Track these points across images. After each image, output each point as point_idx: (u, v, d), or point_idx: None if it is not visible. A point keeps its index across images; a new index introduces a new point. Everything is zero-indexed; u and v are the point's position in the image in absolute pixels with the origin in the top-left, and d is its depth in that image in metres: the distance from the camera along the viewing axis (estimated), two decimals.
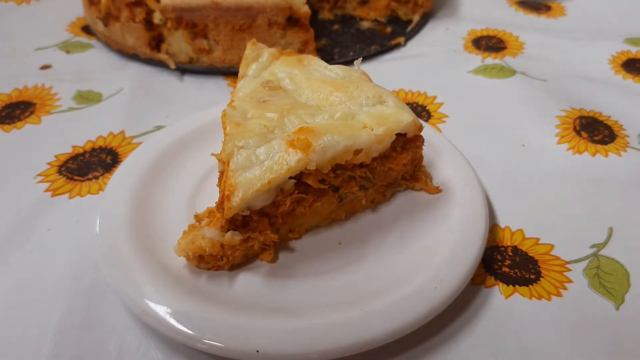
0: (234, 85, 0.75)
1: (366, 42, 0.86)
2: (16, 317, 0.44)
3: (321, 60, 0.56)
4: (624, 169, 0.61)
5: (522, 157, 0.63)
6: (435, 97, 0.73)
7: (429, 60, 0.83)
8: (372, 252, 0.48)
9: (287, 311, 0.42)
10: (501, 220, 0.54)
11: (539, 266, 0.49)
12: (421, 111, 0.71)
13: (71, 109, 0.70)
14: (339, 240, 0.49)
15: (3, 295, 0.46)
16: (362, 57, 0.60)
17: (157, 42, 0.78)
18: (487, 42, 0.87)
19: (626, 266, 0.49)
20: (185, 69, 0.77)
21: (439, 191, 0.53)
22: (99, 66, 0.80)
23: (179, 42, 0.76)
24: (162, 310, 0.40)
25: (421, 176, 0.53)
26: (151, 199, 0.51)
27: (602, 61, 0.81)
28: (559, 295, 0.46)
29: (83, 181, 0.58)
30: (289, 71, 0.55)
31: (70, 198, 0.56)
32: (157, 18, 0.75)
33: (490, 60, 0.82)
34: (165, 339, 0.43)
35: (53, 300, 0.45)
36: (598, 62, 0.81)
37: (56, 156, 0.62)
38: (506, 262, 0.49)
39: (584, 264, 0.49)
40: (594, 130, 0.66)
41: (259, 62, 0.57)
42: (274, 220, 0.46)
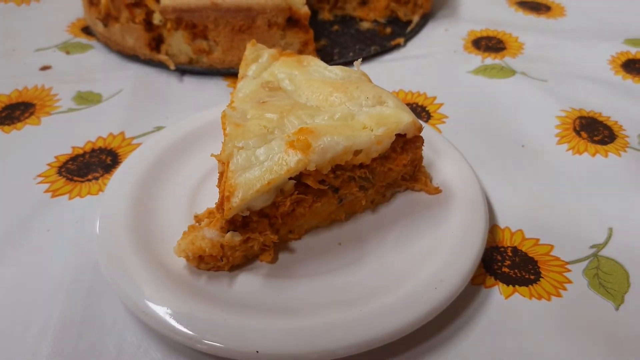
0: (233, 86, 0.75)
1: (366, 42, 0.86)
2: (16, 317, 0.44)
3: (321, 61, 0.56)
4: (623, 169, 0.61)
5: (522, 157, 0.63)
6: (435, 98, 0.73)
7: (428, 60, 0.83)
8: (372, 252, 0.48)
9: (287, 311, 0.42)
10: (501, 220, 0.54)
11: (538, 267, 0.49)
12: (421, 112, 0.71)
13: (71, 109, 0.70)
14: (338, 240, 0.49)
15: (3, 295, 0.46)
16: (362, 58, 0.60)
17: (157, 43, 0.78)
18: (487, 43, 0.87)
19: (626, 266, 0.49)
20: (185, 69, 0.77)
21: (439, 192, 0.53)
22: (99, 67, 0.80)
23: (178, 43, 0.76)
24: (162, 310, 0.40)
25: (421, 177, 0.53)
26: (151, 199, 0.51)
27: (601, 61, 0.82)
28: (558, 296, 0.46)
29: (83, 182, 0.58)
30: (288, 72, 0.55)
31: (70, 199, 0.56)
32: (156, 19, 0.75)
33: (490, 60, 0.82)
34: (165, 339, 0.43)
35: (53, 300, 0.45)
36: (598, 63, 0.81)
37: (56, 157, 0.62)
38: (506, 262, 0.49)
39: (584, 264, 0.49)
40: (594, 131, 0.66)
41: (259, 62, 0.57)
42: (274, 221, 0.46)
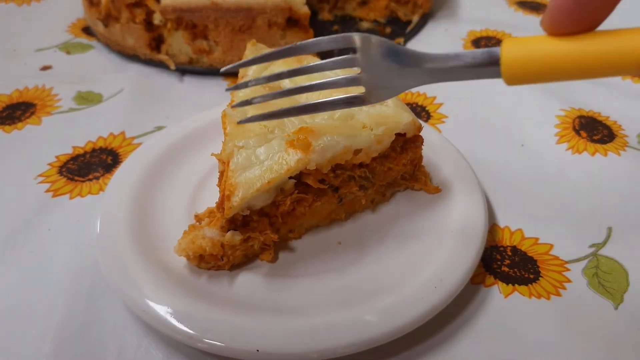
0: None
1: None
2: (17, 317, 0.44)
3: (321, 60, 0.56)
4: (623, 169, 0.61)
5: (521, 156, 0.63)
6: (434, 98, 0.73)
7: None
8: (372, 251, 0.48)
9: (287, 310, 0.42)
10: (500, 220, 0.54)
11: (538, 266, 0.49)
12: (421, 111, 0.71)
13: (71, 109, 0.70)
14: (338, 240, 0.49)
15: (4, 295, 0.46)
16: None
17: (157, 43, 0.78)
18: (487, 43, 0.87)
19: (625, 266, 0.49)
20: (186, 69, 0.78)
21: (439, 191, 0.53)
22: (99, 67, 0.80)
23: (179, 43, 0.76)
24: (162, 309, 0.40)
25: (421, 176, 0.53)
26: (151, 199, 0.51)
27: None
28: (558, 295, 0.46)
29: (83, 181, 0.58)
30: None
31: (71, 198, 0.56)
32: (157, 19, 0.75)
33: None
34: (165, 338, 0.43)
35: (53, 299, 0.46)
36: None
37: (57, 157, 0.62)
38: (505, 261, 0.49)
39: (583, 263, 0.49)
40: (593, 130, 0.67)
41: None
42: (274, 220, 0.46)
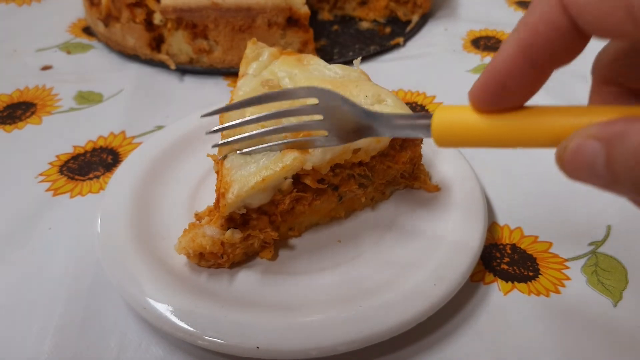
0: (234, 85, 0.75)
1: (365, 42, 0.87)
2: (17, 315, 0.45)
3: (321, 59, 0.56)
4: None
5: (520, 154, 0.63)
6: (434, 97, 0.74)
7: (427, 60, 0.83)
8: (371, 249, 0.48)
9: (287, 308, 0.42)
10: (500, 218, 0.54)
11: (537, 264, 0.49)
12: (420, 110, 0.71)
13: (72, 109, 0.70)
14: (338, 237, 0.49)
15: (4, 293, 0.46)
16: (362, 57, 0.61)
17: (158, 42, 0.78)
18: (486, 42, 0.87)
19: (624, 263, 0.49)
20: (186, 69, 0.78)
21: (438, 189, 0.53)
22: (100, 67, 0.80)
23: (179, 43, 0.76)
24: (163, 307, 0.40)
25: (420, 175, 0.53)
26: (152, 197, 0.52)
27: None
28: (557, 292, 0.47)
29: (84, 180, 0.58)
30: (289, 70, 0.55)
31: (72, 197, 0.56)
32: (157, 19, 0.75)
33: (489, 59, 0.82)
34: (166, 335, 0.43)
35: (54, 298, 0.46)
36: None
37: (57, 156, 0.62)
38: (505, 259, 0.50)
39: (582, 261, 0.50)
40: None
41: (260, 61, 0.57)
42: (274, 219, 0.47)
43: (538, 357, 0.42)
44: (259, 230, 0.45)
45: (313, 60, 0.56)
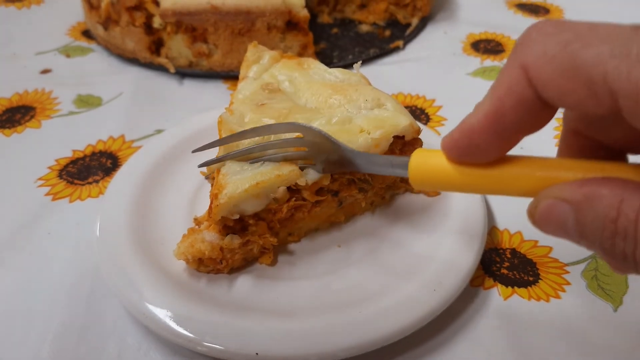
0: (233, 88, 0.75)
1: (365, 45, 0.87)
2: (16, 320, 0.44)
3: (321, 63, 0.56)
4: None
5: None
6: (434, 100, 0.73)
7: (427, 63, 0.83)
8: (371, 254, 0.48)
9: (286, 314, 0.42)
10: (500, 222, 0.54)
11: (537, 268, 0.49)
12: (420, 114, 0.71)
13: (71, 113, 0.70)
14: (338, 242, 0.49)
15: (3, 298, 0.46)
16: (361, 61, 0.61)
17: (157, 46, 0.78)
18: (486, 45, 0.87)
19: None
20: (185, 72, 0.78)
21: (438, 194, 0.53)
22: (99, 70, 0.80)
23: (178, 46, 0.76)
24: (162, 313, 0.40)
25: None
26: (151, 202, 0.52)
27: None
28: (557, 297, 0.46)
29: (83, 185, 0.58)
30: (289, 74, 0.55)
31: (71, 202, 0.56)
32: (156, 22, 0.75)
33: (489, 62, 0.82)
34: (165, 341, 0.43)
35: (53, 303, 0.46)
36: None
37: (56, 160, 0.62)
38: (505, 264, 0.50)
39: (582, 266, 0.49)
40: None
41: (260, 64, 0.57)
42: (273, 225, 0.46)
43: None
44: (258, 235, 0.45)
45: (313, 64, 0.56)
